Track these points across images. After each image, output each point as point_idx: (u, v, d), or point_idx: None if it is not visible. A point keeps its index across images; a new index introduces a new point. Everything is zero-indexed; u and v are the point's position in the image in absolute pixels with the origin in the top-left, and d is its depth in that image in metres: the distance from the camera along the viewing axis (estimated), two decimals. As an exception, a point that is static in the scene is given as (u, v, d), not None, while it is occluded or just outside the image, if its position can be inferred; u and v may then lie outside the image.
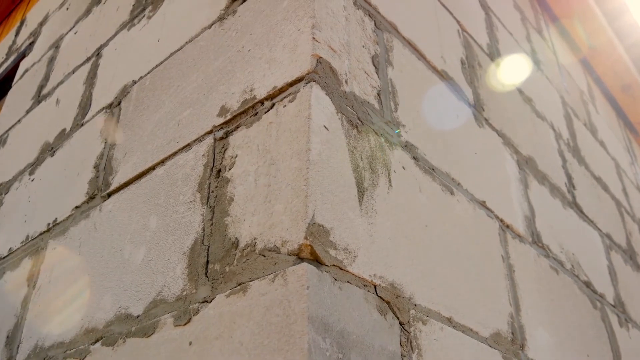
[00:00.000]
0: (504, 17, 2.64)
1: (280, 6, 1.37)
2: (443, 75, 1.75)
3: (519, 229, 1.78)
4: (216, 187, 1.23)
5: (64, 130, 2.08)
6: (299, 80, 1.19)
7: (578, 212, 2.39)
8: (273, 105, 1.21)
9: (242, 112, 1.29)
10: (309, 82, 1.16)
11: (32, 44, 3.13)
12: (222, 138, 1.30)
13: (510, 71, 2.36)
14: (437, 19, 1.89)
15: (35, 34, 3.19)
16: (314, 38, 1.22)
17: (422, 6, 1.82)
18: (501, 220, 1.69)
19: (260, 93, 1.26)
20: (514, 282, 1.60)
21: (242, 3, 1.52)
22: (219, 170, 1.25)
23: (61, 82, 2.37)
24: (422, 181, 1.38)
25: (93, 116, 1.93)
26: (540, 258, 1.84)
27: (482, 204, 1.62)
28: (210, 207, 1.22)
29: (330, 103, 1.18)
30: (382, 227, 1.17)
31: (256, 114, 1.25)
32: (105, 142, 1.75)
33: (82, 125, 1.97)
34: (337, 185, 1.10)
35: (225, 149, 1.27)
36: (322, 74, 1.20)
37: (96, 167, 1.72)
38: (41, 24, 3.20)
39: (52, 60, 2.66)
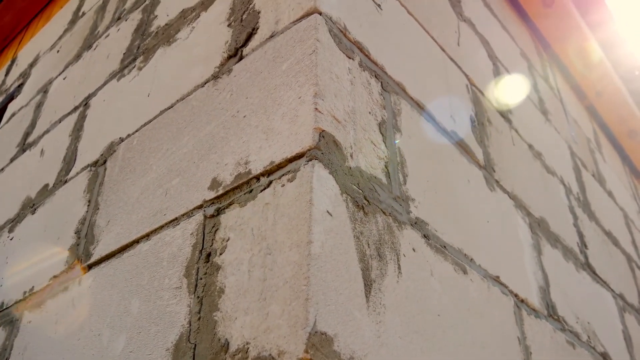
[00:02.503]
0: (512, 66, 2.54)
1: (280, 69, 1.25)
2: (453, 137, 1.63)
3: (534, 302, 1.64)
4: (205, 273, 1.10)
5: (46, 185, 1.95)
6: (299, 156, 1.07)
7: (591, 273, 2.26)
8: (270, 183, 1.09)
9: (236, 188, 1.16)
10: (310, 159, 1.04)
11: (20, 85, 3.02)
12: (212, 216, 1.17)
13: (520, 126, 2.25)
14: (446, 74, 1.78)
15: (24, 75, 3.08)
16: (316, 109, 1.10)
17: (430, 61, 1.71)
18: (516, 295, 1.55)
19: (256, 167, 1.14)
20: (531, 366, 1.46)
21: (238, 61, 1.41)
22: (209, 254, 1.12)
23: (47, 132, 2.25)
24: (433, 263, 1.25)
25: (77, 173, 1.80)
26: (557, 333, 1.70)
27: (496, 280, 1.49)
28: (198, 297, 1.08)
29: (334, 183, 1.06)
30: (392, 324, 1.04)
31: (251, 191, 1.12)
32: (89, 205, 1.62)
33: (66, 182, 1.84)
34: (342, 281, 0.97)
35: (217, 230, 1.14)
36: (325, 149, 1.07)
37: (77, 232, 1.59)
38: (31, 65, 3.10)
39: (39, 106, 2.54)
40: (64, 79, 2.48)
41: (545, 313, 1.69)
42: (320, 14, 1.28)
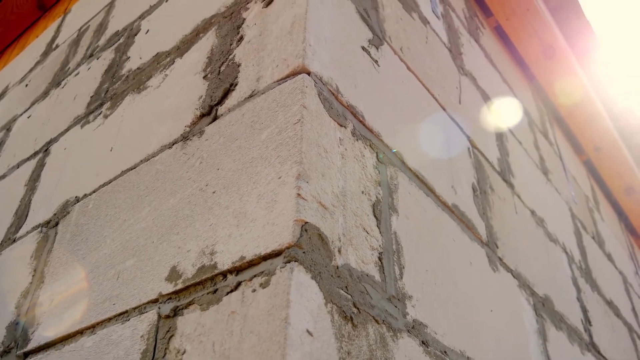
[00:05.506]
0: (512, 122, 2.37)
1: (258, 138, 1.06)
2: (454, 212, 1.44)
3: (541, 404, 1.44)
4: (153, 394, 0.89)
5: (-6, 242, 1.73)
6: (275, 254, 0.87)
7: (596, 354, 2.06)
8: (238, 285, 0.88)
9: (198, 284, 0.95)
10: (289, 260, 0.84)
11: (-14, 119, 2.81)
12: (168, 316, 0.96)
13: (523, 190, 2.07)
14: (447, 137, 1.60)
15: (-9, 109, 2.87)
16: (298, 194, 0.90)
17: (431, 123, 1.53)
18: (522, 399, 1.35)
19: (223, 261, 0.93)
20: None
21: (211, 122, 1.21)
22: (160, 368, 0.91)
23: (3, 177, 2.04)
24: (433, 377, 1.04)
25: (27, 232, 1.58)
26: None
27: (502, 384, 1.28)
28: None
29: (317, 291, 0.85)
30: None
31: (215, 291, 0.92)
32: (33, 276, 1.40)
33: (14, 241, 1.62)
34: None
35: (172, 336, 0.93)
36: (308, 247, 0.87)
37: (18, 308, 1.37)
38: (-1, 98, 2.89)
39: (0, 145, 2.32)
40: (28, 117, 2.27)
41: (552, 414, 1.49)
42: (309, 74, 1.09)
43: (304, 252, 0.86)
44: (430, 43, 1.84)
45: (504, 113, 2.30)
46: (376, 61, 1.39)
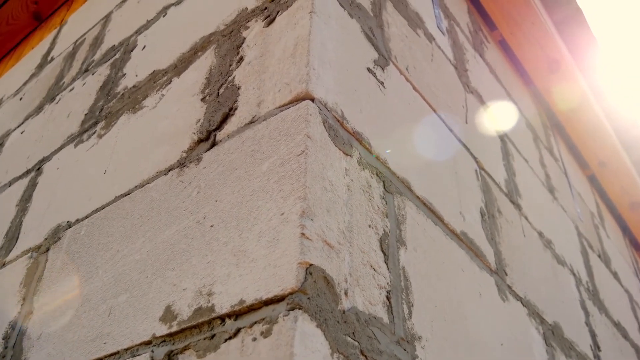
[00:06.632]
0: (518, 140, 2.31)
1: (259, 169, 1.00)
2: (462, 240, 1.38)
3: None
4: None
5: (-17, 265, 1.66)
6: (278, 299, 0.80)
7: (605, 381, 2.00)
8: (238, 331, 0.82)
9: (194, 327, 0.89)
10: (293, 308, 0.78)
11: (-21, 133, 2.74)
12: (162, 362, 0.90)
13: (530, 210, 2.01)
14: (454, 159, 1.54)
15: (-15, 121, 2.81)
16: (303, 233, 0.84)
17: (438, 146, 1.47)
18: None
19: (222, 304, 0.87)
20: None
21: (210, 148, 1.15)
22: (152, 421, 0.84)
23: (-5, 195, 1.97)
24: None
25: (17, 257, 1.52)
26: None
27: None
28: None
29: (323, 340, 0.79)
30: None
31: (213, 336, 0.85)
32: (22, 305, 1.34)
33: (4, 265, 1.55)
34: None
35: (165, 385, 0.87)
36: (313, 292, 0.81)
37: (5, 339, 1.30)
38: (-7, 111, 2.83)
39: (-7, 161, 2.26)
40: (21, 132, 2.21)
41: None
42: (313, 100, 1.03)
43: (308, 298, 0.80)
44: (435, 60, 1.78)
45: (510, 130, 2.24)
46: (382, 83, 1.33)
